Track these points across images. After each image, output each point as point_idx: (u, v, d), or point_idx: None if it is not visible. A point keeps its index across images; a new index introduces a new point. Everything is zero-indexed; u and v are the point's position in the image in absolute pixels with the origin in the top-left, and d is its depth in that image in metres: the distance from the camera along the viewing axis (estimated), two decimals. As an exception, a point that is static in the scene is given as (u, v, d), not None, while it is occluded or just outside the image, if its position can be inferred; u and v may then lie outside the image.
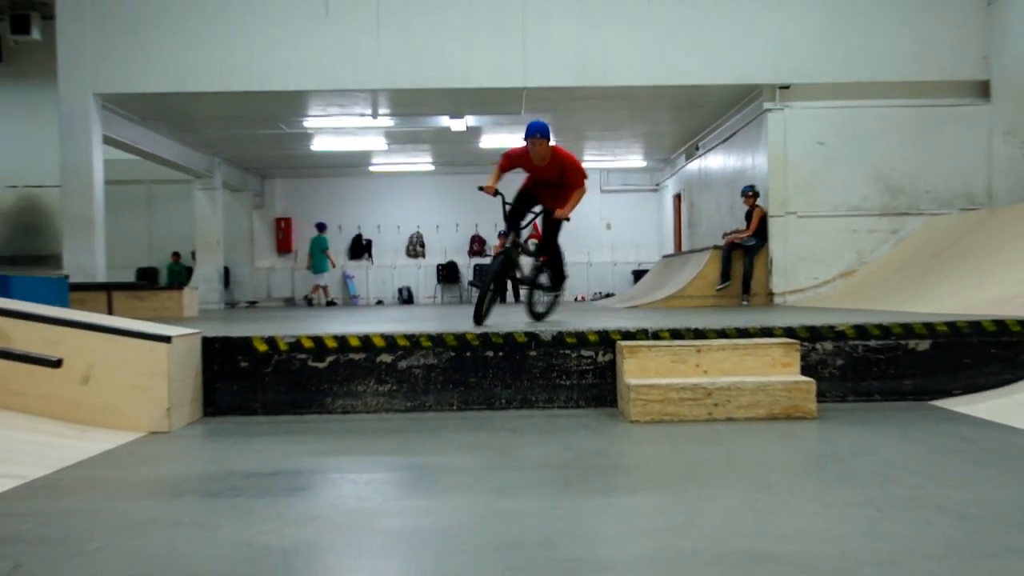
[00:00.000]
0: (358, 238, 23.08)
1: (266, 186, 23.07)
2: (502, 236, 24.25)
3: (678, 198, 20.63)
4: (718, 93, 13.90)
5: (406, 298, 22.76)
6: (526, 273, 8.39)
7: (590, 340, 6.33)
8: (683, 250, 18.88)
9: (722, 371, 5.92)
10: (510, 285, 8.81)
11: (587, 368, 6.31)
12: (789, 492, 3.97)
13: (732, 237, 13.52)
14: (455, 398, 6.26)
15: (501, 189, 7.88)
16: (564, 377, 6.30)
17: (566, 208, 7.89)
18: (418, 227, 23.14)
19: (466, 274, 22.63)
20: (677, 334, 6.40)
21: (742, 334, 6.43)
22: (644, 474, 4.48)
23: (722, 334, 6.42)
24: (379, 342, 6.28)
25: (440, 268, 22.76)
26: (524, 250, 8.16)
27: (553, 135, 19.64)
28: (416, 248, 23.16)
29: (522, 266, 8.23)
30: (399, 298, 22.84)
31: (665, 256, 19.56)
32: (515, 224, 8.08)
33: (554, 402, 6.28)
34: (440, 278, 22.75)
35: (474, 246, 22.87)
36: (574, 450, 4.95)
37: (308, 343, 6.27)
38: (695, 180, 18.74)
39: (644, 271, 20.79)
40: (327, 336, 6.33)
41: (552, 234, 8.28)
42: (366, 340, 6.30)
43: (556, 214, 7.91)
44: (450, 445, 5.19)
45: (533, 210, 8.20)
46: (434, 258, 23.00)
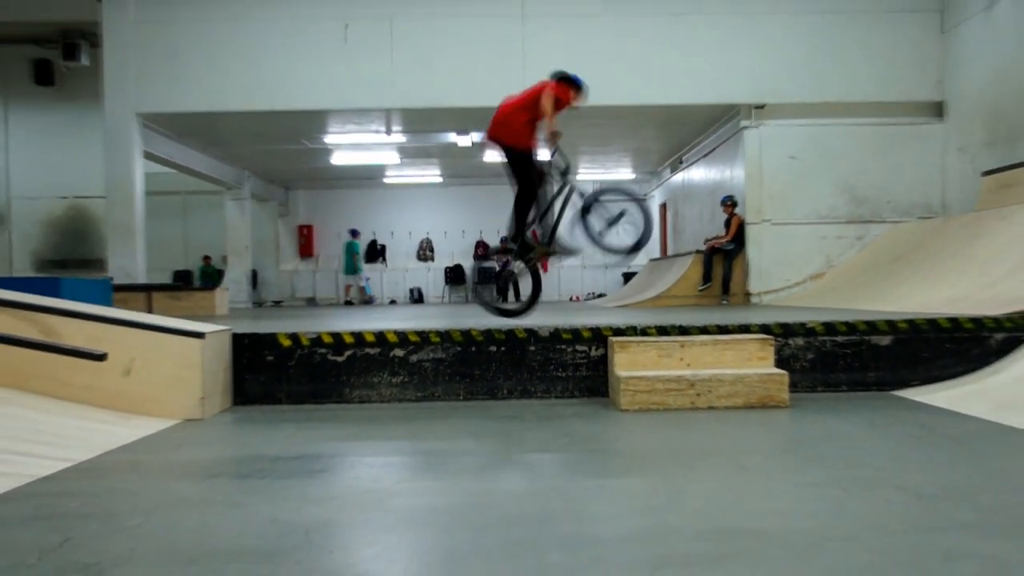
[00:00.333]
0: (373, 243, 23.07)
1: (290, 196, 23.06)
2: (503, 242, 24.13)
3: (664, 207, 20.61)
4: (700, 112, 13.90)
5: (417, 298, 22.74)
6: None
7: (584, 336, 6.33)
8: (669, 254, 18.86)
9: (704, 364, 5.92)
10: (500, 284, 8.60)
11: (581, 362, 6.31)
12: (764, 474, 3.97)
13: (713, 242, 13.52)
14: (461, 389, 6.26)
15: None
16: (560, 370, 6.30)
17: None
18: (428, 233, 23.13)
19: (471, 276, 22.61)
20: (663, 330, 6.40)
21: (722, 330, 6.43)
22: (633, 458, 4.48)
23: (704, 331, 6.42)
24: (392, 338, 6.28)
25: (448, 271, 22.75)
26: None
27: (551, 151, 19.48)
28: (426, 252, 23.16)
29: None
30: (410, 298, 22.83)
31: (652, 260, 19.53)
32: None
33: (551, 392, 6.28)
34: (448, 280, 22.74)
35: (479, 250, 22.85)
36: (569, 436, 4.95)
37: (328, 339, 6.27)
38: (679, 191, 18.73)
39: (633, 273, 20.76)
40: (345, 332, 6.33)
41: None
42: (380, 336, 6.30)
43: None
44: (457, 431, 5.19)
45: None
46: (442, 261, 22.99)
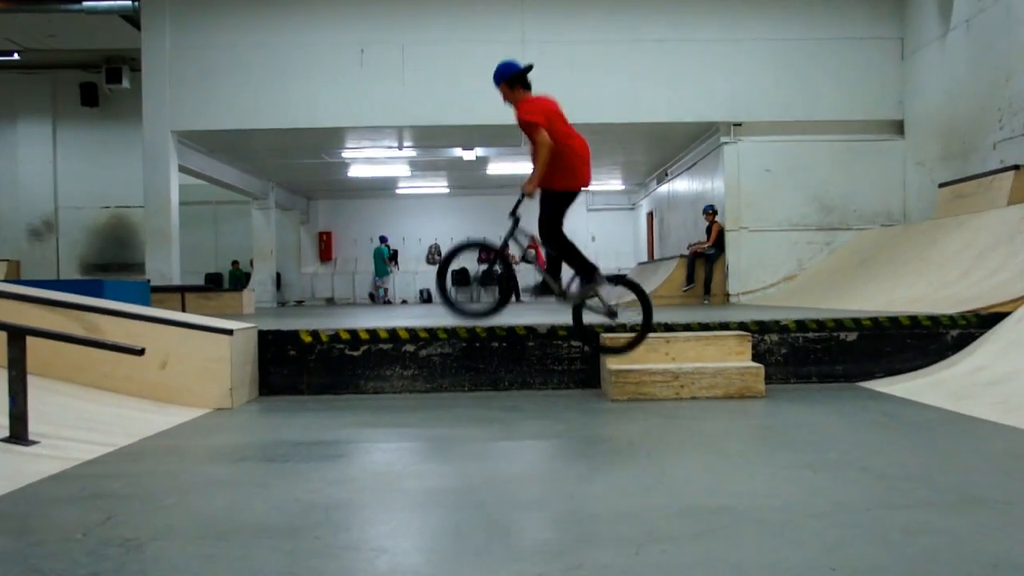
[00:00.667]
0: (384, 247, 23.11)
1: (311, 206, 23.04)
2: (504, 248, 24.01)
3: (651, 215, 20.60)
4: (683, 129, 13.90)
5: (426, 298, 22.73)
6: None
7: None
8: (655, 258, 18.84)
9: (687, 358, 5.91)
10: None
11: (576, 356, 6.31)
12: (742, 458, 3.97)
13: (695, 247, 13.51)
14: (466, 381, 6.26)
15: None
16: (557, 364, 6.30)
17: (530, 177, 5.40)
18: (436, 239, 23.11)
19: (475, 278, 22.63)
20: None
21: (704, 328, 6.43)
22: (623, 443, 4.48)
23: (687, 328, 6.42)
24: (404, 334, 6.29)
25: (454, 273, 22.75)
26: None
27: None
28: (434, 256, 23.13)
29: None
30: (420, 298, 22.81)
31: (640, 263, 19.52)
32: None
33: (548, 384, 6.28)
34: (454, 281, 22.73)
35: (482, 255, 22.84)
36: (565, 424, 4.95)
37: (345, 335, 6.28)
38: (664, 200, 18.72)
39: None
40: (361, 329, 6.34)
41: (540, 225, 5.56)
42: (393, 333, 6.30)
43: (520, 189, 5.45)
44: (462, 420, 5.19)
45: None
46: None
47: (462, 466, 3.86)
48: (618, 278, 6.07)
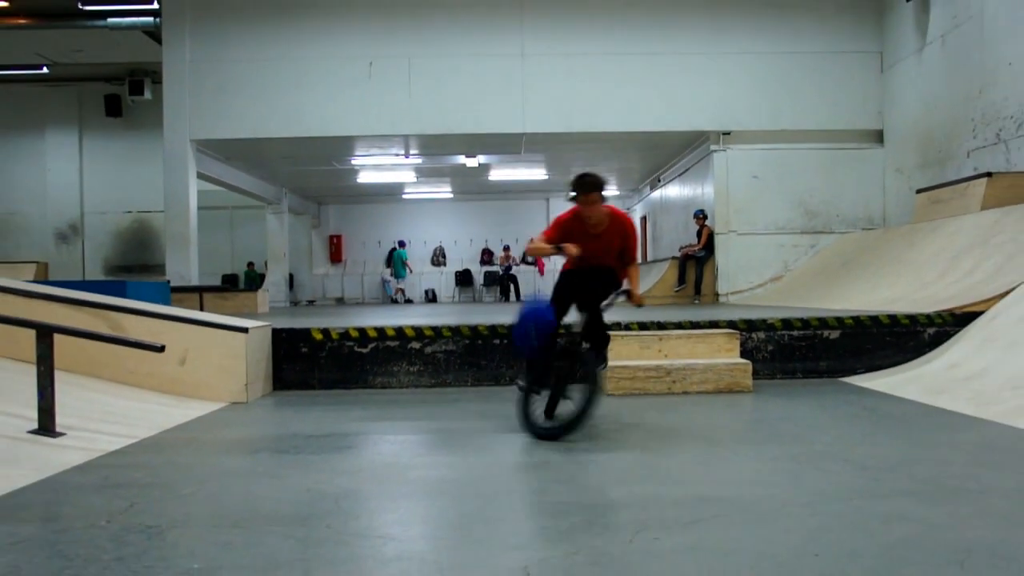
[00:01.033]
0: (393, 251, 23.06)
1: (322, 210, 23.02)
2: (506, 250, 23.74)
3: (644, 219, 20.58)
4: (675, 137, 13.89)
5: (431, 298, 22.69)
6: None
7: (576, 331, 6.31)
8: (648, 260, 18.84)
9: (679, 355, 5.91)
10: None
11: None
12: (730, 449, 3.97)
13: (686, 250, 13.50)
14: (470, 376, 6.26)
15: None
16: (556, 360, 6.28)
17: (637, 289, 4.88)
18: (440, 242, 23.08)
19: (478, 279, 22.57)
20: (643, 326, 6.40)
21: (694, 326, 6.43)
22: (618, 435, 4.48)
23: (679, 326, 6.42)
24: (410, 332, 6.29)
25: (458, 274, 22.69)
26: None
27: (546, 170, 19.16)
28: (439, 258, 23.11)
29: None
30: (425, 298, 22.77)
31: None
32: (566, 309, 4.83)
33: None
34: (457, 282, 22.69)
35: (484, 256, 22.81)
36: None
37: (354, 333, 6.28)
38: (657, 205, 18.71)
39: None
40: (369, 328, 6.34)
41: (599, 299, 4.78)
42: (400, 331, 6.30)
43: (636, 300, 4.79)
44: (465, 413, 5.19)
45: (614, 291, 4.80)
46: (453, 266, 22.92)
47: (465, 457, 3.86)
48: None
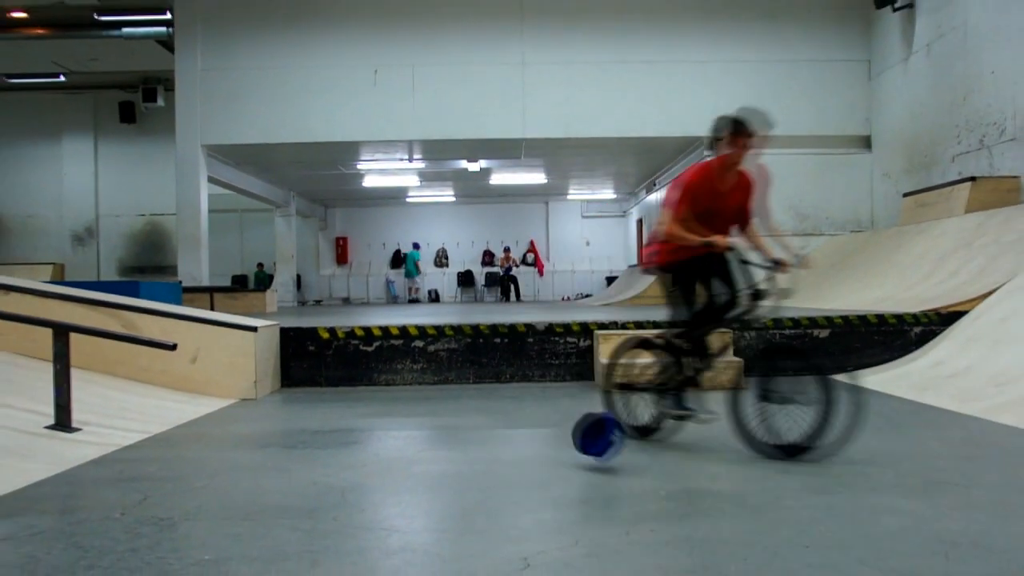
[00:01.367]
0: (397, 252, 23.02)
1: (328, 213, 23.03)
2: (507, 251, 23.67)
3: (640, 222, 20.58)
4: (670, 142, 13.89)
5: (434, 298, 22.69)
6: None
7: (574, 330, 6.33)
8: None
9: (672, 353, 5.90)
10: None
11: (571, 351, 6.31)
12: (723, 444, 3.97)
13: (680, 252, 13.52)
14: (471, 374, 6.26)
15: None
16: (554, 358, 6.30)
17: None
18: (443, 244, 23.08)
19: (480, 280, 22.57)
20: (640, 325, 6.41)
21: (687, 325, 6.42)
22: (613, 430, 4.47)
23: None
24: (413, 331, 6.29)
25: (460, 275, 22.68)
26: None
27: (545, 174, 19.10)
28: (441, 260, 23.09)
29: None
30: (428, 298, 22.77)
31: (630, 266, 19.51)
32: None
33: (546, 377, 6.28)
34: (459, 282, 22.69)
35: (485, 258, 22.81)
36: (561, 413, 4.94)
37: (360, 332, 6.28)
38: (653, 208, 18.70)
39: (614, 277, 20.72)
40: (374, 327, 6.34)
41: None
42: (403, 330, 6.30)
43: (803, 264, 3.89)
44: (467, 409, 5.19)
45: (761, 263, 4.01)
46: (455, 267, 22.91)
47: (467, 452, 3.86)
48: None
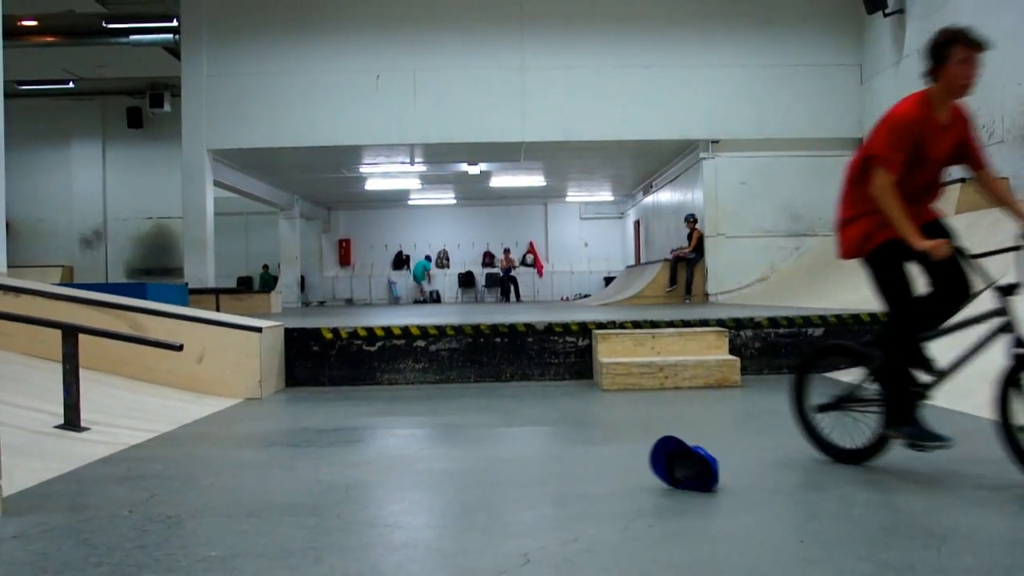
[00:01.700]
0: (399, 253, 23.03)
1: (332, 215, 23.04)
2: (507, 252, 23.70)
3: (637, 223, 20.57)
4: (667, 146, 13.90)
5: (435, 298, 22.70)
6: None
7: (572, 329, 6.33)
8: (641, 262, 18.82)
9: (671, 352, 5.91)
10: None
11: (570, 350, 6.30)
12: (720, 442, 3.97)
13: (678, 252, 13.51)
14: (472, 373, 6.26)
15: None
16: (553, 357, 6.30)
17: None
18: (444, 245, 23.08)
19: (480, 280, 22.57)
20: (637, 324, 6.40)
21: (686, 324, 6.43)
22: (613, 428, 4.48)
23: (671, 324, 6.42)
24: (415, 331, 6.29)
25: (460, 276, 22.69)
26: None
27: (545, 177, 19.17)
28: (442, 261, 23.09)
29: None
30: (429, 298, 22.79)
31: (628, 266, 19.51)
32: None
33: (546, 376, 6.28)
34: (460, 283, 22.69)
35: (485, 259, 22.81)
36: (561, 411, 4.95)
37: (363, 332, 6.28)
38: (650, 210, 18.71)
39: (612, 277, 20.71)
40: (376, 327, 6.34)
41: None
42: (406, 330, 6.30)
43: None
44: (468, 408, 5.19)
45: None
46: (456, 268, 22.93)
47: (468, 450, 3.86)
48: None
